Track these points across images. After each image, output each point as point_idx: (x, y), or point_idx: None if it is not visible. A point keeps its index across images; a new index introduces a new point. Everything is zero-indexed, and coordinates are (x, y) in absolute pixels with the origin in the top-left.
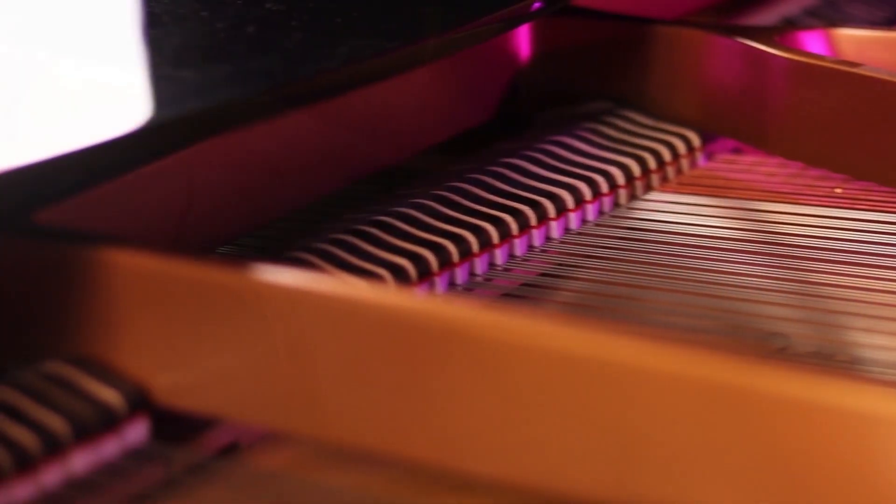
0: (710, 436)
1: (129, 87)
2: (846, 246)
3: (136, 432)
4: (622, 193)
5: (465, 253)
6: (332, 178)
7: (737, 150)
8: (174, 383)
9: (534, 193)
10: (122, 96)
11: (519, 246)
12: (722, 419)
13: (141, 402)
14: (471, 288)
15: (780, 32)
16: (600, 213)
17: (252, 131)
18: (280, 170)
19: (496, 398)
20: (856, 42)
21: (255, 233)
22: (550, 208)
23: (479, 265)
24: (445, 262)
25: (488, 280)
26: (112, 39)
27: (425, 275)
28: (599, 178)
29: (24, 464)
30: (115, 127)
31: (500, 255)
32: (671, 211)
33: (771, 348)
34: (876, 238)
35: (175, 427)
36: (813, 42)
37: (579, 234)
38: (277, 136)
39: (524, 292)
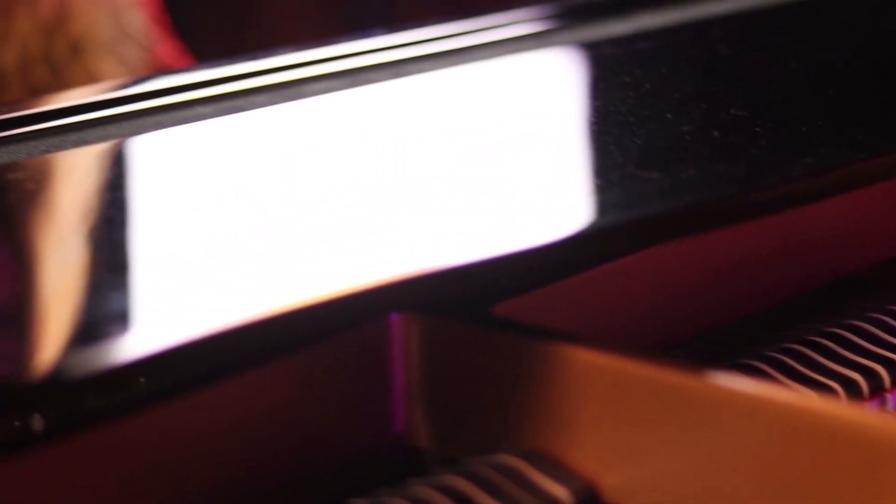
0: None
1: (593, 185)
2: None
3: None
4: None
5: None
6: (785, 286)
7: None
8: (623, 483)
9: None
10: (586, 193)
11: None
12: None
13: (590, 499)
14: None
15: None
16: None
17: (709, 234)
18: (733, 275)
19: None
20: None
21: (705, 336)
22: None
23: None
24: None
25: None
26: (574, 136)
27: (877, 390)
28: None
29: None
30: (577, 223)
31: None
32: None
33: None
34: None
35: None
36: None
37: None
38: (734, 240)
39: None
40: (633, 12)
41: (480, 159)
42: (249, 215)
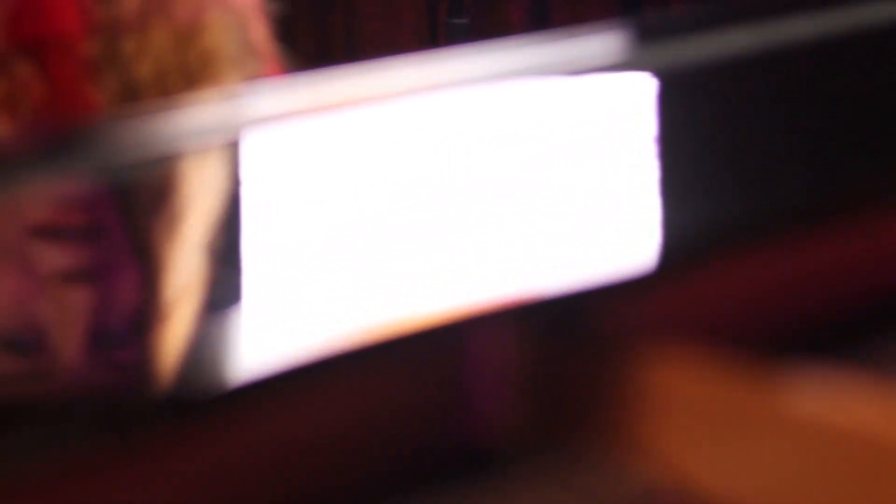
0: None
1: (683, 197)
2: None
3: None
4: None
5: None
6: (852, 302)
7: None
8: (692, 492)
9: None
10: (676, 208)
11: None
12: None
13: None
14: None
15: None
16: None
17: (780, 247)
18: (807, 286)
19: None
20: None
21: (781, 348)
22: None
23: None
24: None
25: None
26: (658, 155)
27: None
28: None
29: None
30: (656, 239)
31: None
32: None
33: None
34: None
35: None
36: None
37: None
38: (804, 252)
39: None
40: (713, 34)
41: (570, 178)
42: (344, 232)
